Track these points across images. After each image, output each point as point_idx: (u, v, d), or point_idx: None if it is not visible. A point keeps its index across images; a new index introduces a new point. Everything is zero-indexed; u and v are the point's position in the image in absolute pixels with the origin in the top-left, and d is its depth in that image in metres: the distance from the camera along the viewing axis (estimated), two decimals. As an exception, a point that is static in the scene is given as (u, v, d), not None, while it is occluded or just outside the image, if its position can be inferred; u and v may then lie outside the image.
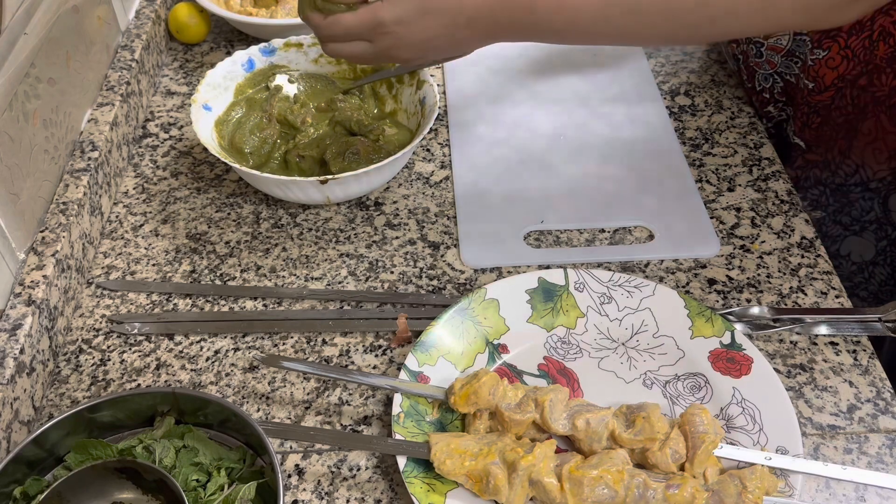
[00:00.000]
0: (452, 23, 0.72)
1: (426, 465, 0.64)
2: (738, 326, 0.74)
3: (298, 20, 1.05)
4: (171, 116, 1.02)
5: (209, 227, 0.87)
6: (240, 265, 0.83)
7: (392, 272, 0.82)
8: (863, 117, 0.91)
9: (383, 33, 0.72)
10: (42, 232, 0.77)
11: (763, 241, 0.84)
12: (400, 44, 0.73)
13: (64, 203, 0.80)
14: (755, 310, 0.76)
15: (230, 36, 1.14)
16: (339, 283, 0.81)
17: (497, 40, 0.75)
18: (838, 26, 0.68)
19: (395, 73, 0.93)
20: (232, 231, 0.87)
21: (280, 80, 0.96)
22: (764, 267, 0.82)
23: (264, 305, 0.79)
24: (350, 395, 0.72)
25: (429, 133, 0.98)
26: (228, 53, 1.09)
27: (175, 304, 0.80)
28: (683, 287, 0.79)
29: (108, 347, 0.76)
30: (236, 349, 0.76)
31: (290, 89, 0.96)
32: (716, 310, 0.77)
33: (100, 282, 0.81)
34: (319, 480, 0.66)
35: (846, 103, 0.91)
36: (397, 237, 0.86)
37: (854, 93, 0.90)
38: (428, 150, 0.96)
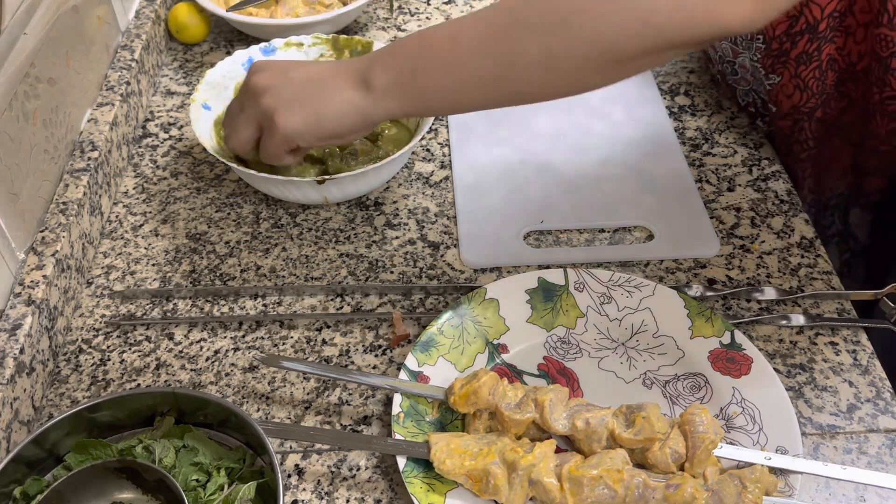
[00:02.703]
0: (324, 68, 0.72)
1: (426, 465, 0.64)
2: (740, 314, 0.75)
3: (298, 20, 1.06)
4: (171, 116, 1.02)
5: (209, 227, 0.87)
6: (240, 265, 0.83)
7: (392, 272, 0.82)
8: (822, 149, 0.91)
9: (256, 94, 0.73)
10: (42, 232, 0.77)
11: (763, 241, 0.84)
12: (279, 100, 0.72)
13: (64, 203, 0.80)
14: (762, 294, 0.77)
15: (230, 36, 1.14)
16: (339, 283, 0.81)
17: (378, 101, 0.70)
18: (748, 30, 0.61)
19: None
20: (232, 231, 0.87)
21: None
22: (764, 267, 0.82)
23: (264, 305, 0.79)
24: (350, 395, 0.72)
25: (429, 133, 0.98)
26: (228, 53, 1.09)
27: (175, 304, 0.80)
28: (683, 287, 0.79)
29: (108, 347, 0.76)
30: (236, 349, 0.76)
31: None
32: (721, 291, 0.78)
33: (112, 290, 0.81)
34: (319, 480, 0.66)
35: (806, 137, 0.90)
36: (397, 237, 0.86)
37: (813, 125, 0.89)
38: (428, 150, 0.96)
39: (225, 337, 0.77)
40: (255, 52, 0.95)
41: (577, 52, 0.62)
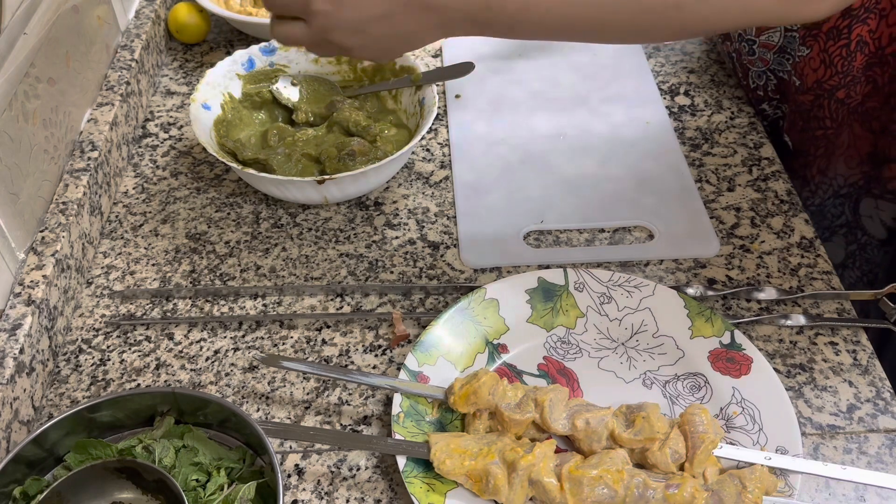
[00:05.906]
0: (409, 20, 0.65)
1: (426, 465, 0.64)
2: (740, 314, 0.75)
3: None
4: (171, 116, 1.02)
5: (209, 227, 0.87)
6: (240, 265, 0.83)
7: (392, 272, 0.82)
8: (840, 132, 0.91)
9: (314, 12, 0.65)
10: (42, 232, 0.77)
11: (763, 241, 0.84)
12: (334, 25, 0.65)
13: (64, 203, 0.80)
14: (762, 294, 0.77)
15: (230, 36, 1.14)
16: (339, 283, 0.81)
17: (447, 30, 0.67)
18: (812, 20, 0.66)
19: (394, 85, 0.93)
20: (232, 231, 0.87)
21: (283, 82, 0.96)
22: (764, 267, 0.82)
23: (264, 305, 0.79)
24: (350, 394, 0.72)
25: (429, 133, 0.98)
26: (228, 53, 1.09)
27: (175, 304, 0.80)
28: (683, 287, 0.79)
29: (108, 347, 0.76)
30: (236, 349, 0.76)
31: (293, 92, 0.96)
32: (721, 291, 0.78)
33: (112, 290, 0.81)
34: (319, 480, 0.66)
35: (824, 115, 0.90)
36: (397, 237, 0.86)
37: (833, 105, 0.89)
38: (428, 150, 0.96)
39: (225, 337, 0.77)
40: (254, 52, 0.95)
41: (680, 32, 0.67)
